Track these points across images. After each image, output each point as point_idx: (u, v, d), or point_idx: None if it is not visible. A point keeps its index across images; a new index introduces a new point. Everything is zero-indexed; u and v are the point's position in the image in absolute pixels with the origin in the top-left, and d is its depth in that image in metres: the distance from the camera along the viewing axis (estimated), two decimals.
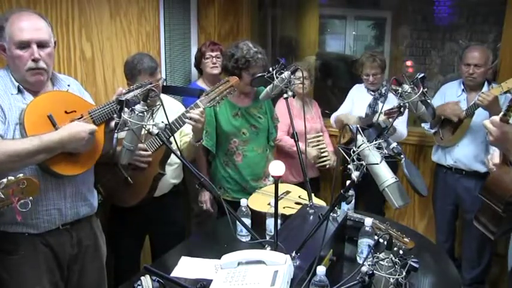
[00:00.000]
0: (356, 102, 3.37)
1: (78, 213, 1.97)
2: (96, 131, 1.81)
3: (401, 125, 3.11)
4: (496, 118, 1.55)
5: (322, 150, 3.38)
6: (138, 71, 2.32)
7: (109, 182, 2.25)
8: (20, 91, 1.78)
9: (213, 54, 3.25)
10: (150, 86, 1.82)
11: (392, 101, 2.62)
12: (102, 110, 1.87)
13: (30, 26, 1.75)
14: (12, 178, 1.41)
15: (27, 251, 1.83)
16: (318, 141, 3.44)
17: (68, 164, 1.80)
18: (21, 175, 1.43)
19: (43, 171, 1.78)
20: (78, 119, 1.82)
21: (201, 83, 3.34)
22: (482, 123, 1.64)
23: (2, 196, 1.39)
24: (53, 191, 1.85)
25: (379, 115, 2.09)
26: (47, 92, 1.86)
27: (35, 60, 1.75)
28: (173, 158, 2.42)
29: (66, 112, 1.81)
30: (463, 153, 3.08)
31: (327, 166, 3.39)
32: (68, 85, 1.98)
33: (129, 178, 2.25)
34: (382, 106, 1.85)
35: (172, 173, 2.55)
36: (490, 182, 1.83)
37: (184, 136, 2.51)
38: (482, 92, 2.82)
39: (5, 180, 1.39)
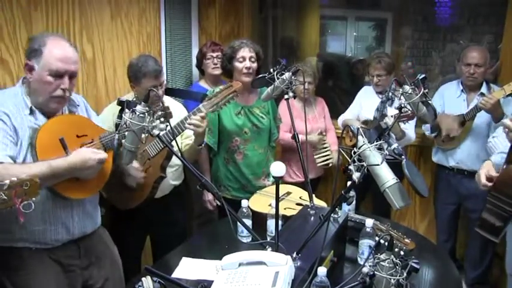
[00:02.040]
0: (364, 105, 3.37)
1: (85, 231, 1.98)
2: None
3: (410, 128, 3.11)
4: None
5: (325, 149, 3.36)
6: (143, 74, 2.30)
7: (109, 183, 2.25)
8: (32, 112, 1.78)
9: (214, 54, 3.24)
10: (163, 113, 1.82)
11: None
12: (113, 135, 1.88)
13: (68, 58, 1.78)
14: (15, 179, 1.40)
15: (35, 265, 1.82)
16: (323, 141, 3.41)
17: (76, 188, 1.81)
18: (23, 175, 1.43)
19: (50, 193, 1.79)
20: (89, 143, 1.84)
21: (203, 84, 3.33)
22: (502, 122, 1.66)
23: (5, 198, 1.39)
24: (61, 210, 1.86)
25: (386, 118, 2.07)
26: (59, 115, 1.87)
27: (63, 90, 1.78)
28: (174, 160, 2.42)
29: (77, 136, 1.83)
30: (466, 155, 3.08)
31: (330, 165, 3.37)
32: (78, 105, 1.98)
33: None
34: (384, 109, 1.85)
35: (172, 175, 2.55)
36: (499, 182, 1.83)
37: (186, 138, 2.51)
38: (484, 95, 2.82)
39: (8, 181, 1.39)
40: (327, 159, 3.35)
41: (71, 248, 1.93)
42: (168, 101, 2.48)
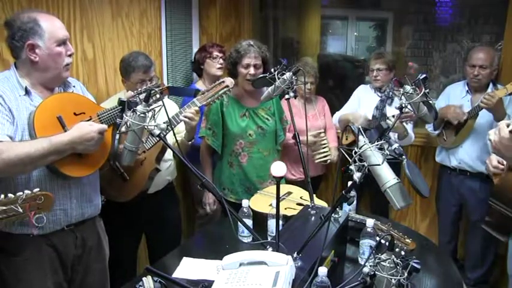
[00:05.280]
0: (362, 103, 3.35)
1: (83, 214, 1.97)
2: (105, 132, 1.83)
3: (408, 129, 3.10)
4: (506, 130, 1.52)
5: (323, 146, 3.36)
6: (132, 68, 2.39)
7: (104, 176, 2.26)
8: (27, 92, 1.79)
9: (220, 54, 3.22)
10: (158, 89, 1.85)
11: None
12: (111, 112, 1.89)
13: (62, 25, 1.84)
14: (29, 192, 1.41)
15: (31, 252, 1.83)
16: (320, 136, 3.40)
17: (76, 165, 1.81)
18: (37, 189, 1.44)
19: (51, 172, 1.80)
20: (87, 121, 1.84)
21: (200, 86, 3.26)
22: (488, 133, 1.63)
23: (20, 210, 1.39)
24: (59, 192, 1.86)
25: (388, 119, 2.06)
26: (56, 93, 1.88)
27: (70, 56, 1.85)
28: (166, 155, 2.46)
29: (75, 114, 1.84)
30: (467, 154, 3.08)
31: (328, 161, 3.36)
32: (74, 86, 2.00)
33: (125, 174, 2.27)
34: (384, 107, 1.85)
35: (166, 170, 2.58)
36: (499, 187, 1.83)
37: (176, 134, 2.52)
38: (487, 93, 2.81)
39: (23, 194, 1.40)
40: (325, 156, 3.34)
41: (68, 236, 1.94)
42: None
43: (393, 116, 2.39)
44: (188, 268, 1.89)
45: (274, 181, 2.76)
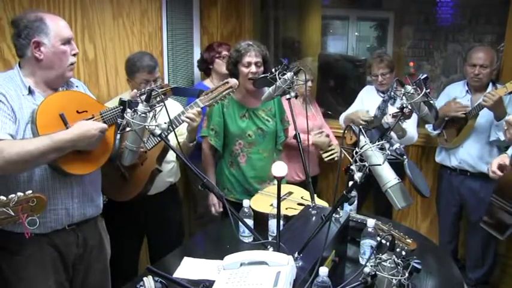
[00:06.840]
0: (366, 104, 3.35)
1: (85, 214, 1.98)
2: (106, 131, 1.83)
3: (411, 128, 3.09)
4: None
5: (330, 146, 3.36)
6: (137, 68, 2.39)
7: (104, 175, 2.26)
8: (30, 92, 1.79)
9: (228, 53, 3.24)
10: (161, 90, 1.85)
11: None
12: (114, 111, 1.89)
13: (67, 25, 1.86)
14: (22, 194, 1.41)
15: (33, 251, 1.83)
16: (322, 134, 3.41)
17: (78, 163, 1.82)
18: (30, 192, 1.43)
19: (52, 170, 1.80)
20: (89, 119, 1.84)
21: (208, 83, 3.29)
22: (505, 118, 1.67)
23: (12, 213, 1.39)
24: (61, 191, 1.86)
25: (386, 116, 2.06)
26: (59, 91, 1.89)
27: (75, 55, 1.86)
28: (169, 156, 2.45)
29: (77, 112, 1.84)
30: (468, 154, 3.07)
31: (335, 158, 3.36)
32: (76, 86, 2.01)
33: (125, 173, 2.27)
34: (386, 108, 1.85)
35: (168, 172, 2.57)
36: (503, 183, 1.83)
37: (178, 136, 2.52)
38: (488, 92, 2.81)
39: (15, 196, 1.39)
40: (333, 154, 3.35)
41: (70, 235, 1.94)
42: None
43: (390, 115, 2.38)
44: (189, 268, 1.89)
45: (273, 183, 2.76)
